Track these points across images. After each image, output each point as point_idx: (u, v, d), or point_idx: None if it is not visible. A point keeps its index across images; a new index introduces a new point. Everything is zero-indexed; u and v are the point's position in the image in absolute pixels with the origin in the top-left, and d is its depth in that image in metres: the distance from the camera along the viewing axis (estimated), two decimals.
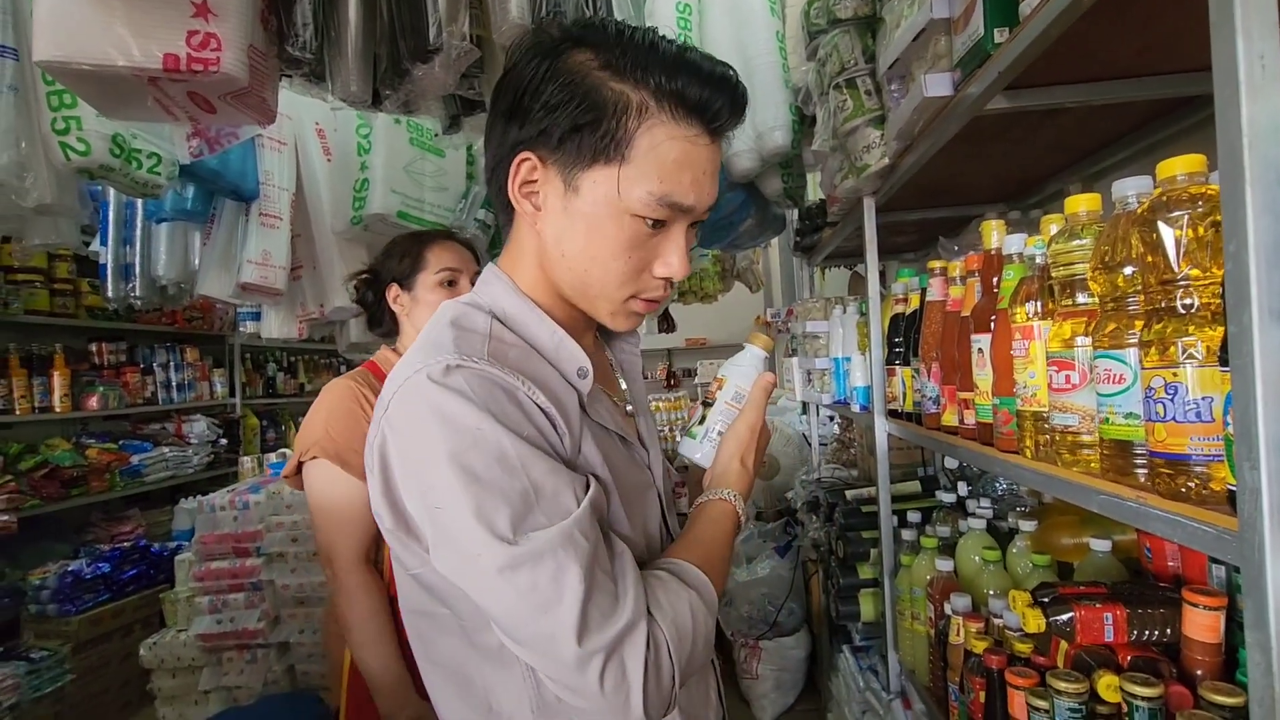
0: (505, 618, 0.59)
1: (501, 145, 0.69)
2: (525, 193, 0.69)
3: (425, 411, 0.61)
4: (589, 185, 0.65)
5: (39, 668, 2.72)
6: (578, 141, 0.64)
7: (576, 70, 0.64)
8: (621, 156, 0.64)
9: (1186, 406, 0.59)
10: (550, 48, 0.66)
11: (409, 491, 0.63)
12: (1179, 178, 0.62)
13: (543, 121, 0.65)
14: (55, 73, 0.88)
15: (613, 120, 0.63)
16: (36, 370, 3.21)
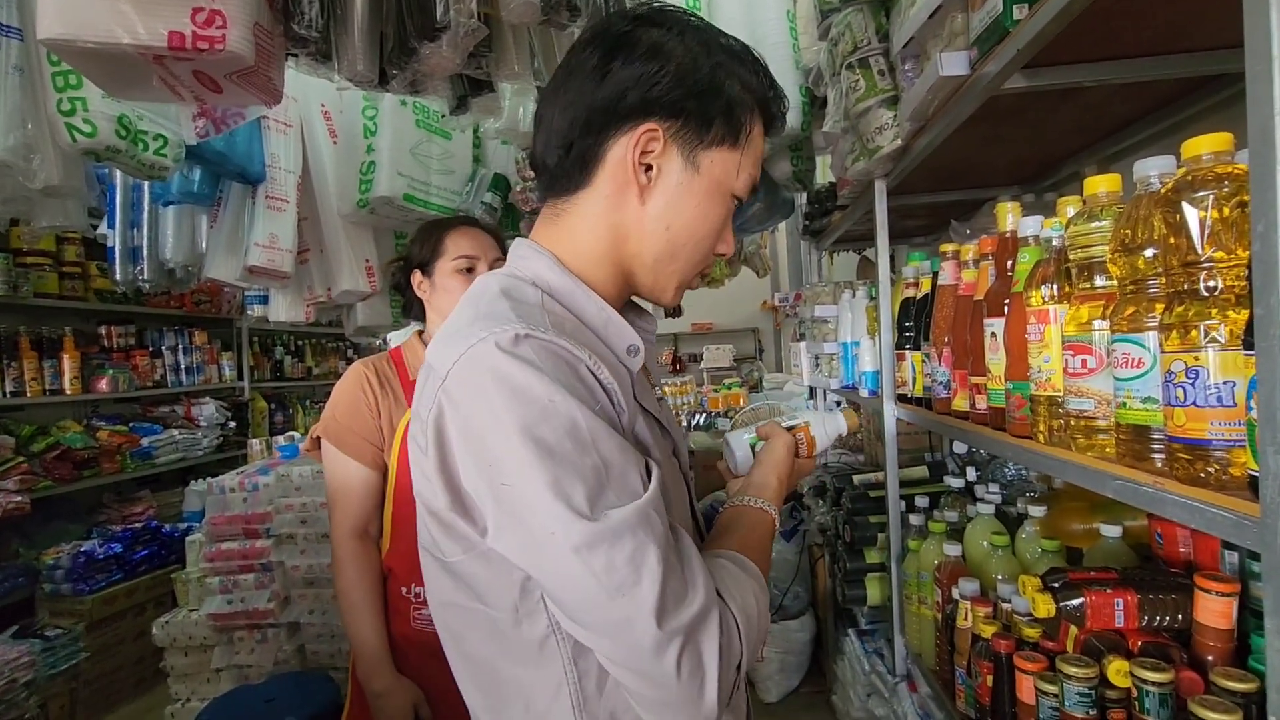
0: (577, 600, 0.56)
1: (609, 109, 0.66)
2: (640, 160, 0.68)
3: (491, 382, 0.57)
4: (708, 164, 0.69)
5: (54, 645, 2.76)
6: (712, 123, 0.68)
7: (715, 60, 0.68)
8: (741, 144, 0.70)
9: (1208, 391, 0.58)
10: (684, 24, 0.69)
11: (470, 468, 0.59)
12: (1205, 157, 0.60)
13: (682, 98, 0.66)
14: (60, 51, 0.87)
15: (741, 112, 0.69)
16: (47, 353, 3.23)
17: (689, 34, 0.68)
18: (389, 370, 1.33)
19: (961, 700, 1.24)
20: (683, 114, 0.67)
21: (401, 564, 1.25)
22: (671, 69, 0.66)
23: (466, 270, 1.33)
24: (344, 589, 1.24)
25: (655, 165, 0.68)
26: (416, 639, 1.23)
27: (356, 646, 1.23)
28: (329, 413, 1.29)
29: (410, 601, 1.24)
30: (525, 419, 0.56)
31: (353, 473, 1.25)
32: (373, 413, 1.26)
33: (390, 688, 1.19)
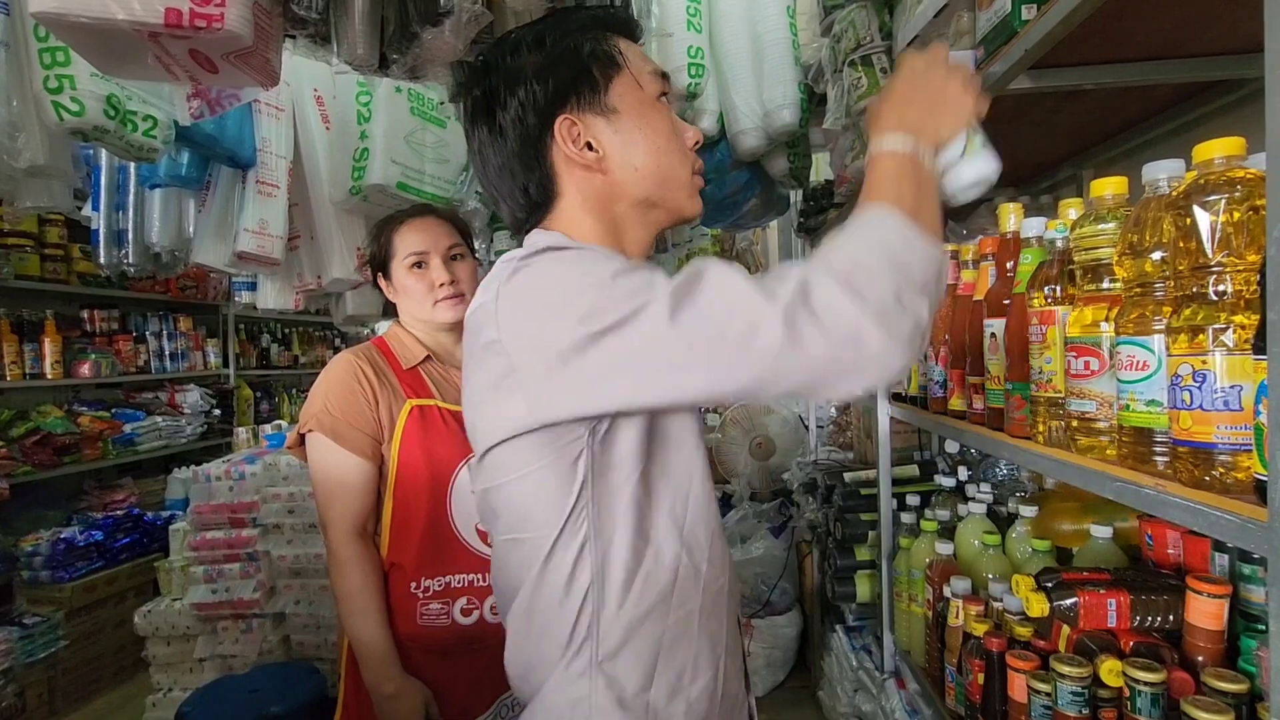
0: (701, 360, 0.59)
1: (526, 141, 0.75)
2: (579, 147, 0.75)
3: (546, 264, 0.66)
4: (618, 100, 0.75)
5: (32, 633, 2.72)
6: (591, 75, 0.75)
7: (555, 42, 0.75)
8: (623, 64, 0.76)
9: (1215, 394, 0.58)
10: (507, 45, 0.77)
11: (547, 336, 0.63)
12: (1217, 161, 0.60)
13: (558, 84, 0.74)
14: (52, 26, 0.85)
15: (599, 47, 0.76)
16: (27, 336, 3.16)
17: (517, 47, 0.76)
18: (381, 360, 1.29)
19: (951, 698, 1.25)
20: (570, 91, 0.74)
21: (409, 559, 1.21)
22: (532, 75, 0.74)
23: (417, 265, 1.29)
24: (349, 591, 1.18)
25: (591, 139, 0.75)
26: (421, 637, 1.21)
27: (364, 649, 1.18)
28: (319, 405, 1.22)
29: (418, 598, 1.21)
30: (583, 268, 0.65)
31: (352, 468, 1.20)
32: (370, 404, 1.22)
33: (402, 689, 1.16)
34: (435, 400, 1.26)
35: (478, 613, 1.22)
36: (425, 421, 1.23)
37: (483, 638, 1.22)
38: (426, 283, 1.28)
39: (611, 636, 0.68)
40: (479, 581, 1.22)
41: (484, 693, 1.24)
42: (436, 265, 1.29)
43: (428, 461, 1.21)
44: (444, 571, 1.22)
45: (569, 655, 0.69)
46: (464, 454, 1.22)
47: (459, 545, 1.22)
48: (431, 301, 1.28)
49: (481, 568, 1.23)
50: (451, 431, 1.23)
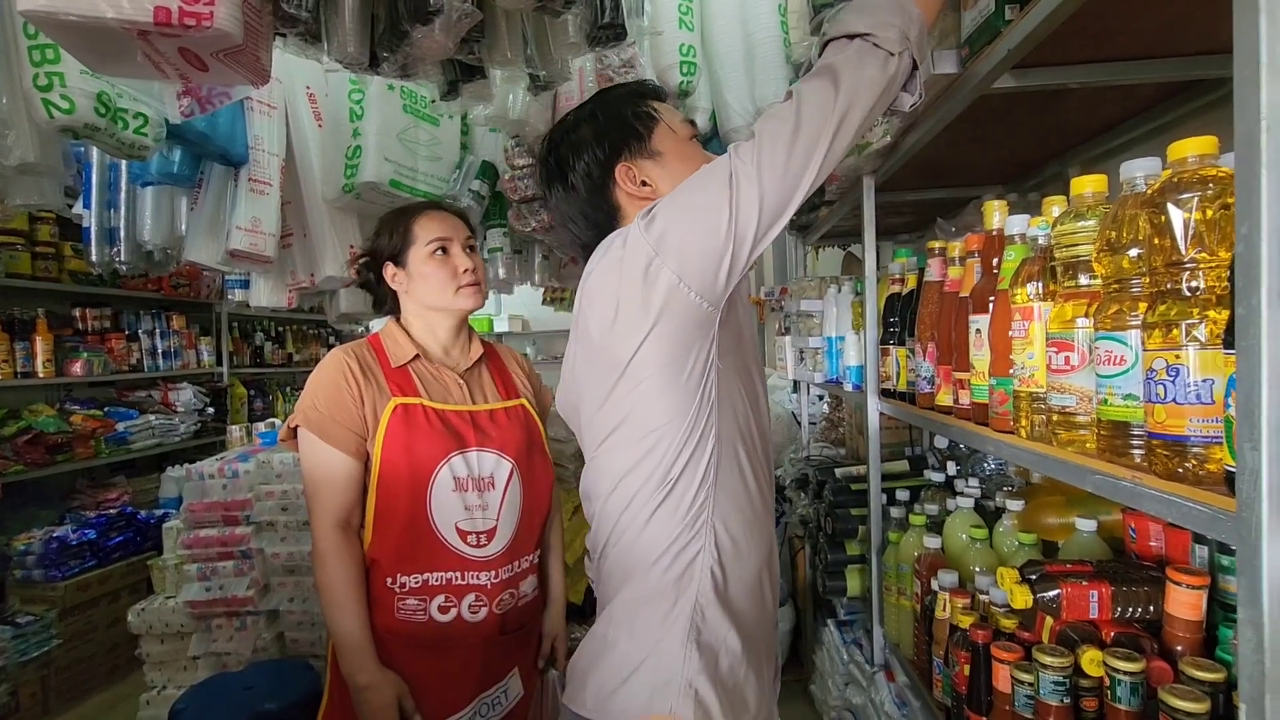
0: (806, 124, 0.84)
1: (595, 189, 1.00)
2: (636, 184, 0.99)
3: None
4: (659, 144, 1.00)
5: (25, 632, 2.71)
6: (636, 130, 1.00)
7: (605, 108, 1.03)
8: (660, 118, 1.02)
9: (1187, 388, 0.60)
10: (567, 124, 1.05)
11: (670, 236, 0.85)
12: (1190, 159, 0.62)
13: (612, 142, 1.00)
14: (40, 24, 0.85)
15: (639, 108, 1.02)
16: (18, 335, 3.15)
17: (576, 124, 1.02)
18: (370, 357, 1.30)
19: (938, 689, 1.27)
20: (621, 145, 0.99)
21: (385, 555, 1.23)
22: (592, 141, 1.00)
23: (441, 251, 1.31)
24: (326, 583, 1.21)
25: (645, 178, 0.99)
26: (399, 630, 1.22)
27: (340, 640, 1.21)
28: (307, 401, 1.24)
29: (394, 593, 1.23)
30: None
31: (335, 463, 1.22)
32: (355, 401, 1.23)
33: (375, 681, 1.18)
34: (421, 399, 1.26)
35: (455, 610, 1.23)
36: (409, 420, 1.24)
37: (460, 635, 1.24)
38: (450, 269, 1.30)
39: (723, 499, 0.90)
40: (457, 580, 1.24)
41: (463, 689, 1.25)
42: (459, 252, 1.32)
43: (409, 459, 1.22)
44: (421, 569, 1.23)
45: (690, 517, 0.88)
46: (445, 453, 1.23)
47: (438, 543, 1.23)
48: (455, 288, 1.30)
49: (461, 567, 1.24)
50: (435, 430, 1.24)
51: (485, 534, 1.25)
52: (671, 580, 0.88)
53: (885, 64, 0.85)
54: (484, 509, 1.25)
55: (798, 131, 0.83)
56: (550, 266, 2.92)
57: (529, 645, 1.38)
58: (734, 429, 0.91)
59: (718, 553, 0.89)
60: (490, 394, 1.37)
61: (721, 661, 0.87)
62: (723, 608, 0.88)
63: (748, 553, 0.92)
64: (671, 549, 0.88)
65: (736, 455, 0.91)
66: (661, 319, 0.85)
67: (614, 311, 0.88)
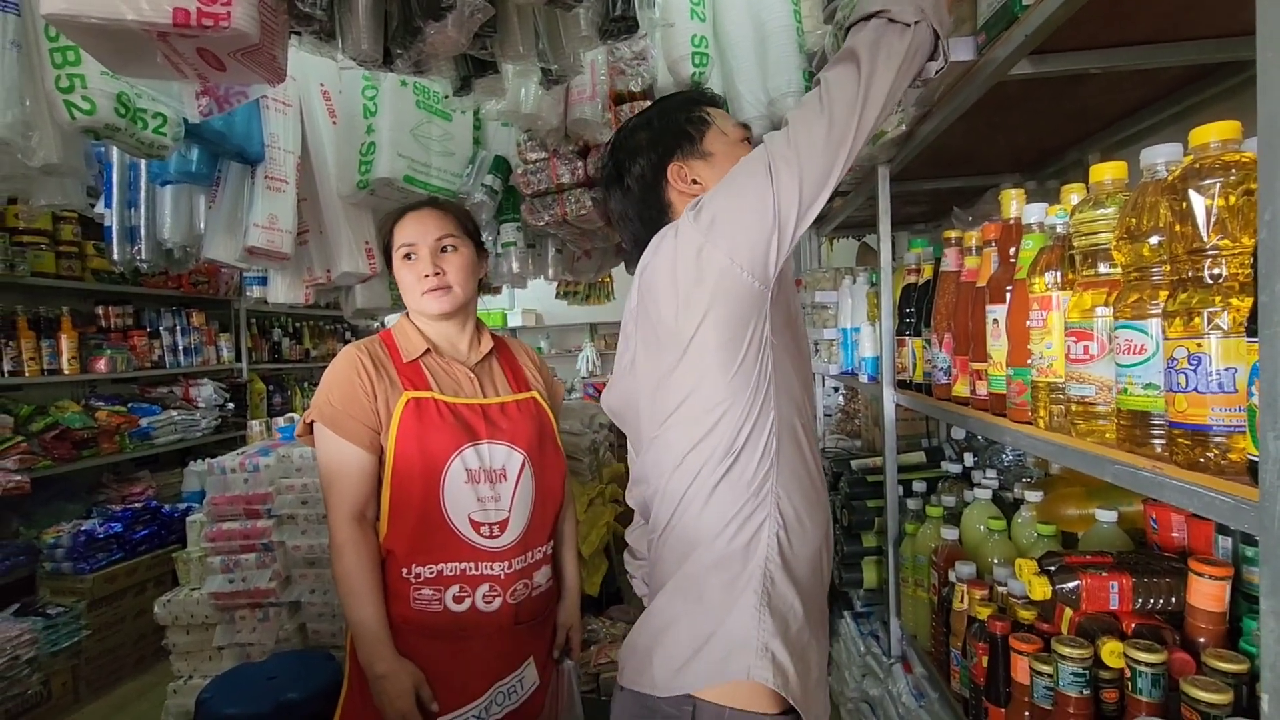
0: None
1: (648, 185, 1.06)
2: (687, 183, 1.04)
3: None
4: (710, 146, 1.05)
5: (55, 623, 2.78)
6: (688, 134, 1.06)
7: (662, 115, 1.10)
8: (712, 123, 1.08)
9: (1209, 377, 0.59)
10: (628, 129, 1.11)
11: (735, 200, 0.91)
12: (1212, 144, 0.61)
13: (666, 144, 1.06)
14: (63, 27, 0.86)
15: (693, 113, 1.08)
16: (44, 333, 3.21)
17: (634, 130, 1.09)
18: (382, 353, 1.31)
19: (956, 680, 1.26)
20: (675, 147, 1.05)
21: (401, 546, 1.25)
22: (646, 146, 1.06)
23: (406, 258, 1.32)
24: (343, 574, 1.23)
25: (695, 177, 1.04)
26: (415, 620, 1.24)
27: (357, 630, 1.23)
28: (322, 396, 1.26)
29: (410, 583, 1.24)
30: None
31: (349, 456, 1.24)
32: (368, 396, 1.25)
33: (393, 670, 1.20)
34: (432, 393, 1.28)
35: (469, 600, 1.25)
36: (420, 413, 1.25)
37: (475, 625, 1.25)
38: (415, 274, 1.31)
39: (784, 471, 0.93)
40: (470, 570, 1.25)
41: (478, 678, 1.27)
42: (424, 256, 1.31)
43: (421, 452, 1.23)
44: (436, 559, 1.24)
45: (754, 487, 0.91)
46: (457, 445, 1.25)
47: (451, 534, 1.25)
48: (419, 292, 1.31)
49: (474, 557, 1.25)
50: (447, 423, 1.25)
51: (498, 525, 1.26)
52: (739, 548, 0.91)
53: (903, 36, 0.89)
54: (496, 500, 1.26)
55: (827, 113, 0.88)
56: (564, 260, 2.93)
57: (544, 635, 1.39)
58: (790, 404, 0.95)
59: (782, 520, 0.92)
60: (501, 387, 1.38)
61: (791, 625, 0.90)
62: (788, 574, 0.91)
63: (809, 524, 0.95)
64: (738, 518, 0.91)
65: (794, 429, 0.95)
66: (717, 299, 0.90)
67: (673, 296, 0.93)
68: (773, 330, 0.93)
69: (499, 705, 1.29)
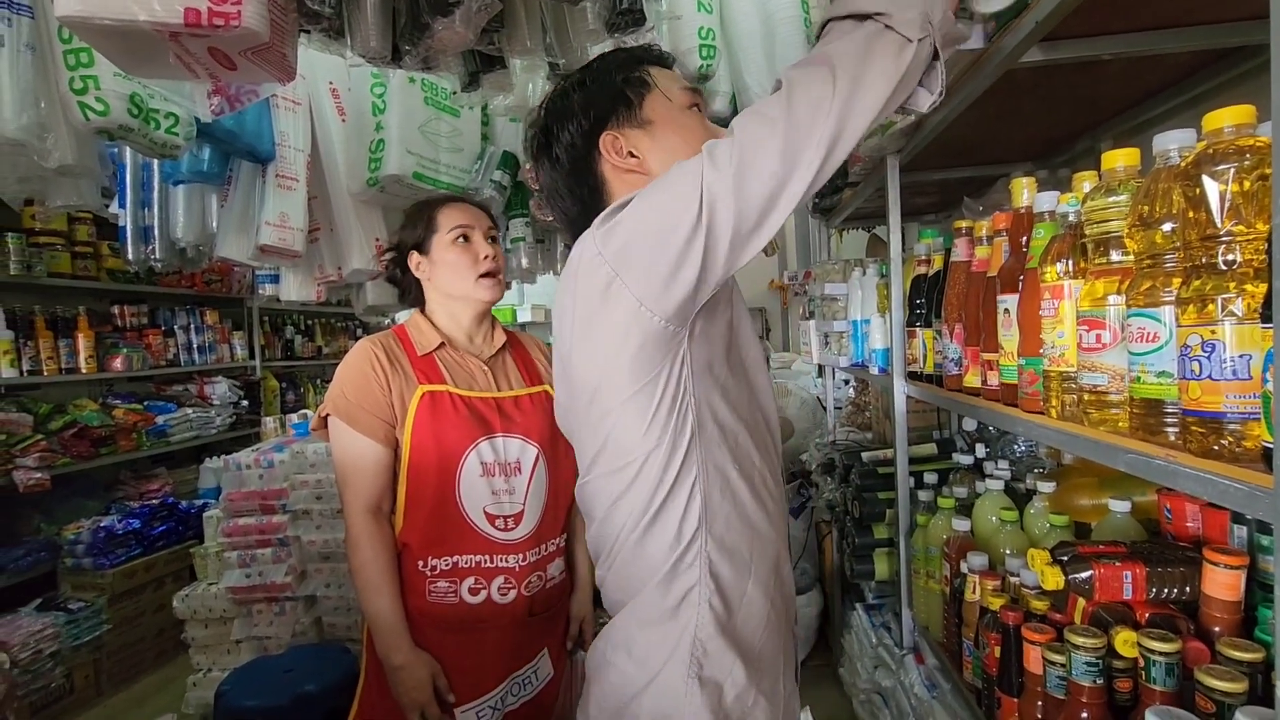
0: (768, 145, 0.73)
1: (578, 159, 0.90)
2: (622, 156, 0.89)
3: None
4: (650, 112, 0.89)
5: (77, 618, 2.83)
6: (625, 96, 0.89)
7: (596, 75, 0.92)
8: (653, 85, 0.91)
9: (1224, 364, 0.59)
10: (557, 94, 0.94)
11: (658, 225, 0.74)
12: (1226, 129, 0.60)
13: (600, 109, 0.89)
14: (77, 29, 0.87)
15: (630, 73, 0.91)
16: (61, 332, 3.25)
17: (565, 92, 0.92)
18: (396, 347, 1.33)
19: (968, 671, 1.26)
20: (609, 113, 0.89)
21: (417, 538, 1.26)
22: (578, 110, 0.90)
23: (463, 239, 1.33)
24: (359, 566, 1.24)
25: (632, 149, 0.88)
26: (431, 612, 1.25)
27: (374, 622, 1.24)
28: (336, 390, 1.28)
29: (426, 576, 1.26)
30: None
31: (365, 450, 1.25)
32: (383, 389, 1.26)
33: (409, 661, 1.22)
34: (447, 386, 1.29)
35: (485, 592, 1.26)
36: (435, 407, 1.26)
37: (491, 616, 1.27)
38: (471, 255, 1.33)
39: (716, 525, 0.82)
40: (486, 563, 1.26)
41: (494, 669, 1.28)
42: (480, 240, 1.35)
43: (436, 445, 1.25)
44: (451, 552, 1.26)
45: (680, 550, 0.81)
46: (472, 439, 1.25)
47: (466, 527, 1.26)
48: (475, 275, 1.33)
49: (489, 550, 1.26)
50: (461, 417, 1.26)
51: (513, 518, 1.27)
52: (668, 611, 0.82)
53: (900, 52, 0.72)
54: (511, 493, 1.27)
55: (785, 134, 0.70)
56: None
57: (557, 627, 1.41)
58: (722, 451, 0.82)
59: (715, 585, 0.81)
60: (514, 380, 1.39)
61: (727, 694, 0.81)
62: (726, 639, 0.81)
63: (754, 587, 0.84)
64: (663, 583, 0.82)
65: (726, 477, 0.82)
66: (625, 343, 0.76)
67: (576, 333, 0.82)
68: (696, 371, 0.80)
69: (514, 696, 1.30)
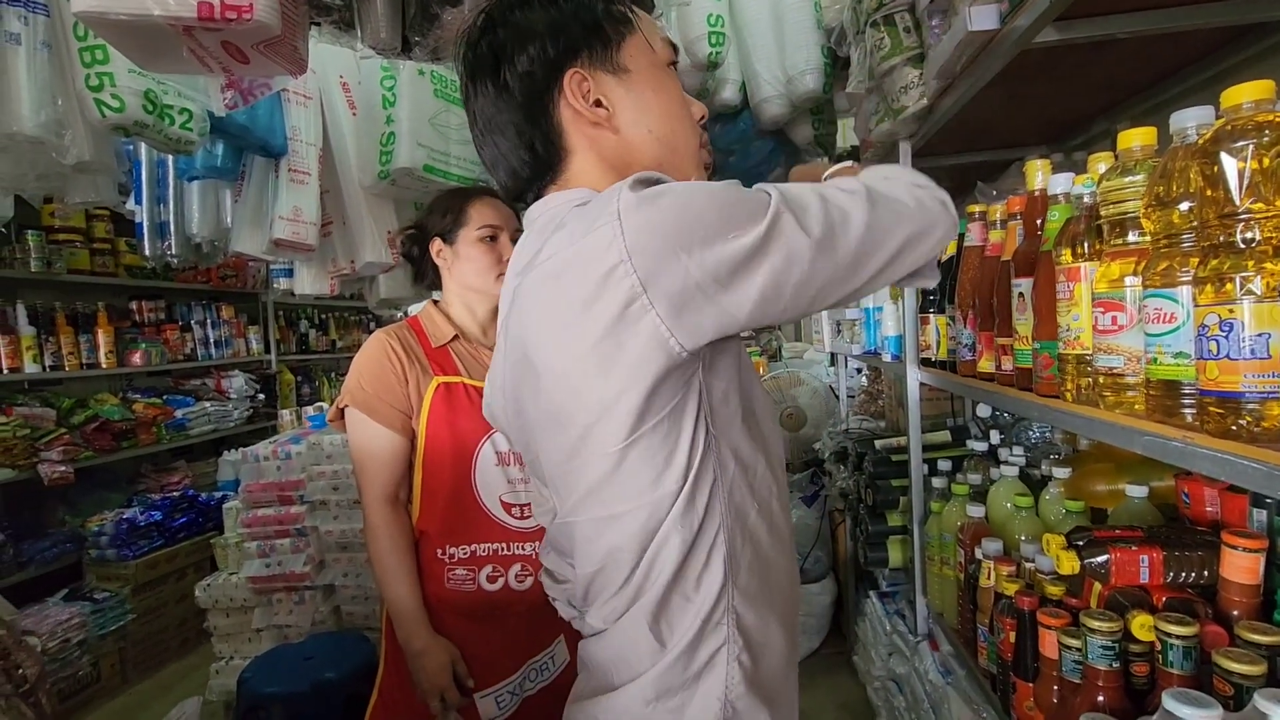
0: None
1: (533, 94, 0.72)
2: (588, 102, 0.73)
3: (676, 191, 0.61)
4: (629, 60, 0.74)
5: (102, 608, 2.89)
6: (604, 32, 0.73)
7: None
8: (635, 27, 0.76)
9: (1242, 343, 0.58)
10: (515, 4, 0.74)
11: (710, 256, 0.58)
12: (1245, 106, 0.59)
13: (570, 38, 0.72)
14: (93, 25, 0.89)
15: (612, 6, 0.75)
16: (82, 328, 3.31)
17: (529, 2, 0.74)
18: (411, 338, 1.34)
19: (983, 657, 1.26)
20: (581, 46, 0.72)
21: (434, 527, 1.28)
22: (544, 30, 0.72)
23: (490, 239, 1.34)
24: (379, 555, 1.26)
25: (600, 96, 0.73)
26: (449, 599, 1.27)
27: (394, 609, 1.26)
28: (354, 381, 1.29)
29: (444, 563, 1.27)
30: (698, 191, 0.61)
31: (383, 440, 1.27)
32: (400, 380, 1.28)
33: (429, 646, 1.23)
34: (461, 377, 1.30)
35: (502, 580, 1.28)
36: (450, 398, 1.28)
37: (508, 604, 1.28)
38: (495, 255, 1.34)
39: (741, 577, 0.67)
40: (503, 551, 1.28)
41: (511, 654, 1.30)
42: (506, 242, 1.35)
43: (452, 435, 1.26)
44: (469, 540, 1.27)
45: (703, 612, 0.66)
46: (487, 429, 1.27)
47: (483, 516, 1.27)
48: (495, 274, 1.34)
49: (506, 538, 1.28)
50: (476, 407, 1.28)
51: (528, 506, 1.29)
52: (691, 676, 0.67)
53: (945, 216, 0.68)
54: (526, 482, 1.29)
55: (867, 219, 0.63)
56: None
57: None
58: (743, 489, 0.69)
59: (743, 637, 0.68)
60: None
61: None
62: (754, 694, 0.68)
63: (773, 605, 0.71)
64: (690, 645, 0.66)
65: (746, 518, 0.69)
66: (638, 375, 0.60)
67: (562, 353, 0.63)
68: (715, 403, 0.66)
69: (531, 682, 1.32)
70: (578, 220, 0.64)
